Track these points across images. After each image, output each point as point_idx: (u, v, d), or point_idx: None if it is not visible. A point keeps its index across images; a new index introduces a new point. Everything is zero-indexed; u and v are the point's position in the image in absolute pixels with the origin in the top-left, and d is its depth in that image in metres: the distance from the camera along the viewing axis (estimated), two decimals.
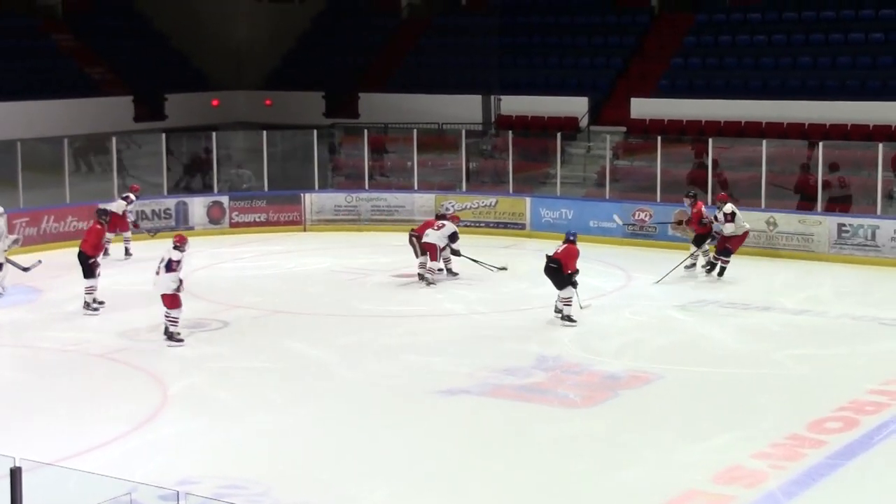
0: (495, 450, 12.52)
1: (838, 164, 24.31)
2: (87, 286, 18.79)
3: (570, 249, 18.01)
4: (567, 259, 17.88)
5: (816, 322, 18.18)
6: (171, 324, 17.00)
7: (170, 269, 16.82)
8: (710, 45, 31.12)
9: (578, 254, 18.03)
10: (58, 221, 24.71)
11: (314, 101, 34.40)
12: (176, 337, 16.96)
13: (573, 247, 18.07)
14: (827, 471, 11.64)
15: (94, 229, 19.18)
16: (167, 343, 16.92)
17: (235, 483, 11.29)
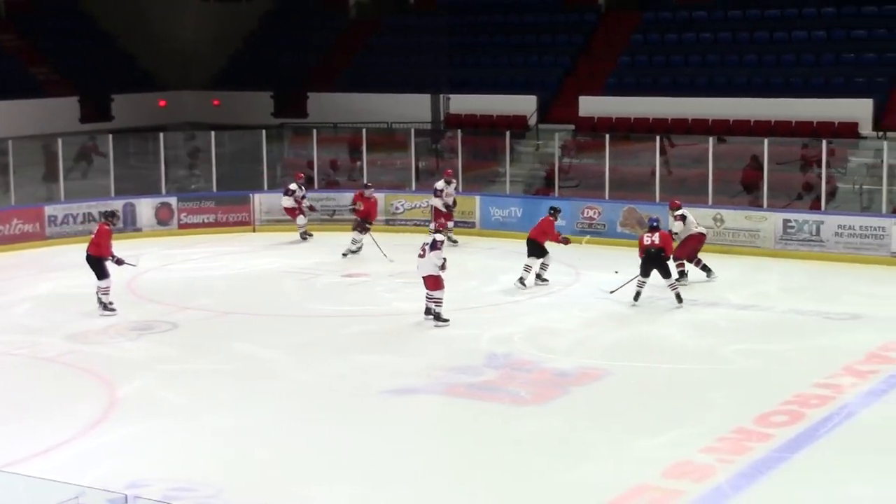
0: (447, 448, 12.56)
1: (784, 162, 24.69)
2: (102, 287, 18.63)
3: (665, 235, 19.19)
4: (667, 244, 19.09)
5: (763, 317, 18.37)
6: (436, 305, 17.86)
7: (434, 247, 17.58)
8: (656, 43, 31.34)
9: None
10: (3, 224, 24.48)
11: (262, 101, 34.30)
12: (441, 317, 17.77)
13: (665, 233, 19.42)
14: (773, 464, 11.77)
15: (102, 230, 18.80)
16: (434, 323, 17.69)
17: (186, 485, 11.25)
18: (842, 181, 24.84)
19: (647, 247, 18.91)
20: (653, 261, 18.88)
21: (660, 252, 18.86)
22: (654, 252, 18.85)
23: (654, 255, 18.86)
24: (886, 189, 23.08)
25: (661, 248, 18.88)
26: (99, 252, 18.53)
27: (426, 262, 17.85)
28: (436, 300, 17.93)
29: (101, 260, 18.49)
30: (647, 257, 18.90)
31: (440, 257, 17.73)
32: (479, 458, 12.23)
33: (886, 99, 27.11)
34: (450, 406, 14.10)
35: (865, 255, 22.18)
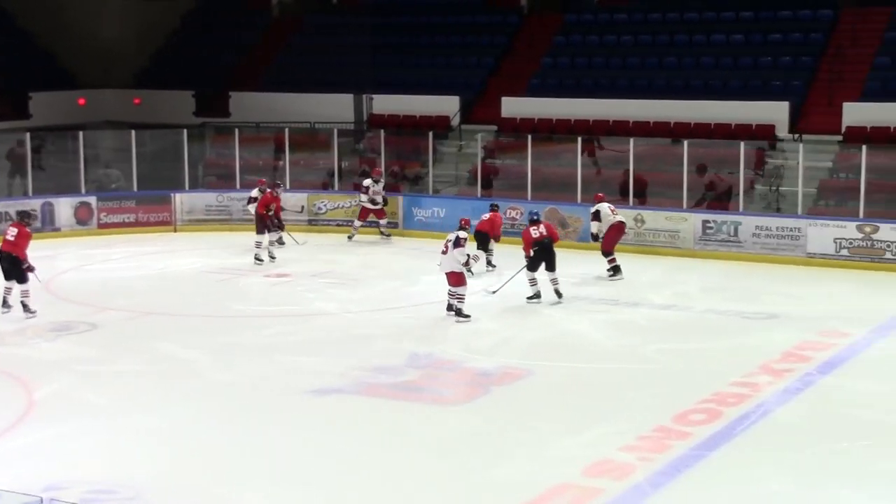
0: (369, 449, 12.55)
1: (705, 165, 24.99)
2: (24, 290, 18.28)
3: (549, 225, 19.65)
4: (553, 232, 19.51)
5: (682, 317, 18.60)
6: (458, 301, 17.97)
7: (458, 244, 17.84)
8: (578, 45, 31.58)
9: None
10: None
11: (184, 99, 34.02)
12: (463, 313, 17.87)
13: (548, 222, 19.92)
14: (692, 461, 11.93)
15: (24, 233, 18.36)
16: (456, 319, 17.74)
17: (104, 487, 11.14)
18: (759, 183, 25.22)
19: (536, 240, 19.08)
20: (546, 252, 19.07)
21: (551, 242, 19.12)
22: (548, 242, 19.08)
23: (548, 246, 19.08)
24: (802, 191, 23.47)
25: (551, 238, 19.17)
26: (18, 253, 18.23)
27: (449, 258, 18.02)
28: (458, 296, 18.05)
29: (20, 262, 18.20)
30: (541, 249, 19.05)
31: (463, 254, 18.00)
32: (399, 458, 12.24)
33: (802, 102, 27.58)
34: (371, 406, 14.09)
35: (782, 255, 22.56)
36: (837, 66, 27.85)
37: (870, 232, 21.90)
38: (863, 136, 25.08)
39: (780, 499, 11.09)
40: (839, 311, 18.73)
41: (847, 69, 27.74)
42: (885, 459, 12.05)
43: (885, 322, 18.05)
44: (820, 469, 11.82)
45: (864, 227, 22.01)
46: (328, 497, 11.25)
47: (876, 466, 11.86)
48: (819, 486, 11.34)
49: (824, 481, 11.46)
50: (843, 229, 22.15)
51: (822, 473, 11.70)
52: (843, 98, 26.67)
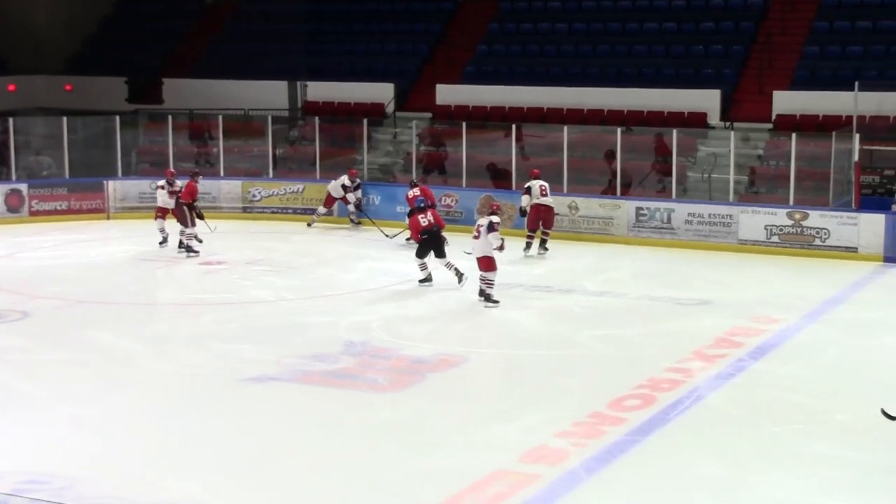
0: (304, 436, 12.54)
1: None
2: None
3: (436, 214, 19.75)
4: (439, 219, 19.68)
5: (616, 303, 18.76)
6: (487, 286, 18.12)
7: (491, 229, 17.99)
8: (512, 33, 31.70)
9: None
10: None
11: (117, 86, 33.70)
12: (492, 298, 18.03)
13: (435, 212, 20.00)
14: (626, 447, 12.04)
15: None
16: (485, 304, 18.01)
17: (37, 478, 11.03)
18: (691, 170, 25.49)
19: (424, 228, 19.27)
20: (435, 239, 19.27)
21: (439, 230, 19.33)
22: (437, 230, 19.31)
23: (437, 233, 19.29)
24: (733, 178, 23.75)
25: (439, 226, 19.39)
26: None
27: (481, 243, 18.15)
28: (488, 282, 18.15)
29: None
30: (430, 237, 19.25)
31: (497, 238, 18.03)
32: (335, 447, 12.23)
33: (733, 90, 27.90)
34: (306, 394, 14.07)
35: (714, 242, 22.83)
36: (767, 55, 28.20)
37: (799, 219, 22.23)
38: (792, 124, 25.46)
39: (714, 482, 11.23)
40: (770, 297, 18.99)
41: (777, 58, 28.12)
42: (815, 442, 12.25)
43: (815, 308, 18.33)
44: (752, 453, 11.97)
45: (793, 213, 22.33)
46: (262, 485, 11.22)
47: (807, 449, 12.06)
48: (751, 470, 11.49)
49: (757, 465, 11.62)
50: (774, 216, 22.46)
51: (755, 457, 11.85)
52: (773, 86, 27.05)
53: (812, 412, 13.29)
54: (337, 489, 11.16)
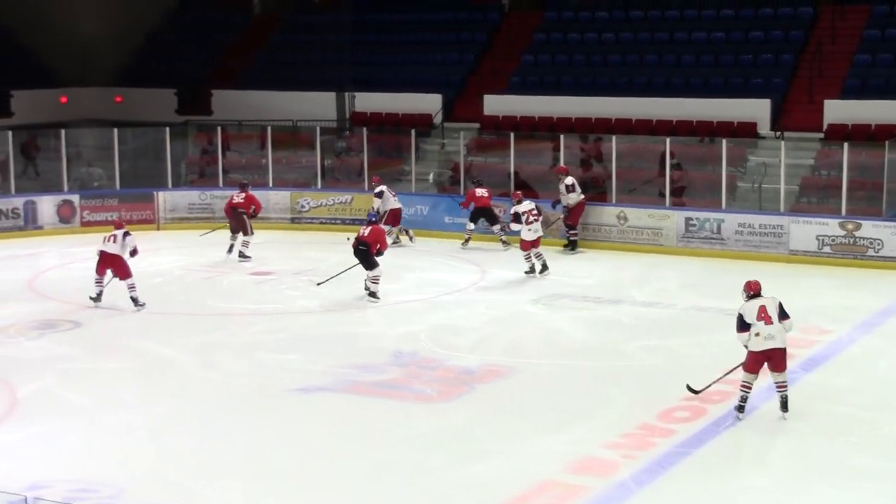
0: (351, 447, 12.55)
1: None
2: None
3: (377, 230, 19.51)
4: (377, 239, 19.27)
5: (665, 314, 18.64)
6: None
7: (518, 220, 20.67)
8: (559, 43, 31.62)
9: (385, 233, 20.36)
10: None
11: (166, 97, 33.93)
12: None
13: (378, 227, 19.84)
14: (676, 459, 11.96)
15: None
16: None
17: (87, 486, 11.12)
18: (741, 180, 25.29)
19: (357, 237, 19.44)
20: (357, 253, 19.36)
21: (364, 245, 19.24)
22: (356, 245, 19.35)
23: (357, 248, 19.34)
24: (784, 188, 23.55)
25: (366, 242, 19.28)
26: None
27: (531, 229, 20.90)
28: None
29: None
30: (355, 251, 19.40)
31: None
32: (382, 457, 12.23)
33: (783, 99, 27.67)
34: (353, 404, 14.08)
35: (765, 252, 22.61)
36: (817, 64, 27.95)
37: (852, 229, 21.99)
38: (844, 134, 25.20)
39: (764, 495, 11.14)
40: (821, 308, 18.76)
41: (827, 66, 27.85)
42: (865, 456, 12.11)
43: (868, 319, 18.13)
44: (802, 466, 11.87)
45: (846, 224, 22.10)
46: (310, 494, 11.25)
47: (857, 462, 11.93)
48: (801, 483, 11.39)
49: (806, 478, 11.51)
50: (826, 227, 22.23)
51: (805, 470, 11.75)
52: (823, 95, 26.79)
53: (861, 424, 13.15)
54: (383, 499, 11.16)
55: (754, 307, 13.16)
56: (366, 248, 19.21)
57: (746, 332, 13.17)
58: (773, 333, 13.02)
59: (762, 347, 13.04)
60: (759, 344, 13.04)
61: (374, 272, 19.29)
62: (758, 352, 13.06)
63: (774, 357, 13.09)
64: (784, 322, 13.11)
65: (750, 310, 13.15)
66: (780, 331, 13.07)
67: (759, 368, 13.17)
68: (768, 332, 13.01)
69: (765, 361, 13.14)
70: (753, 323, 13.08)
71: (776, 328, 13.02)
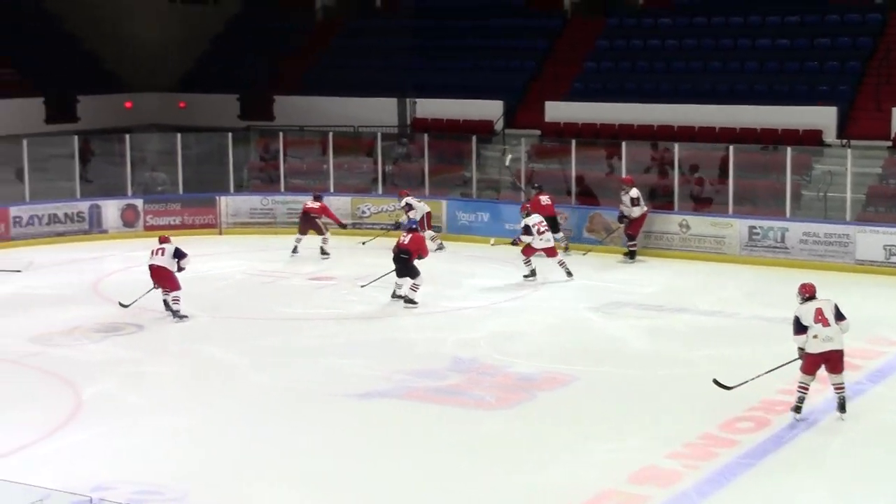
0: (409, 453, 12.54)
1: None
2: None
3: (417, 238, 19.67)
4: (418, 247, 19.40)
5: (728, 323, 18.45)
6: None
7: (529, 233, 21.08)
8: (622, 49, 31.46)
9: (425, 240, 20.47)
10: None
11: (229, 103, 34.19)
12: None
13: (419, 235, 20.09)
14: (740, 470, 11.82)
15: None
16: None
17: (150, 488, 11.19)
18: (806, 189, 25.00)
19: (397, 245, 19.44)
20: (398, 261, 19.36)
21: (403, 253, 19.28)
22: (397, 252, 19.37)
23: (397, 256, 19.35)
24: (851, 197, 23.24)
25: (407, 251, 19.30)
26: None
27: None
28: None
29: None
30: (394, 258, 19.37)
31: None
32: (440, 463, 12.21)
33: (850, 107, 27.32)
34: (412, 410, 14.07)
35: (830, 262, 22.30)
36: (886, 71, 27.58)
37: None
38: None
39: None
40: (889, 319, 18.49)
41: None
42: None
43: None
44: (868, 479, 11.69)
45: None
46: (366, 500, 11.23)
47: None
48: (867, 498, 11.21)
49: (872, 492, 11.33)
50: (894, 236, 21.90)
51: (870, 484, 11.56)
52: (891, 103, 26.39)
53: None
54: None
55: (811, 309, 13.22)
56: (406, 256, 19.27)
57: (804, 335, 13.23)
58: (831, 335, 13.07)
59: (820, 349, 13.08)
60: (816, 346, 13.09)
61: (417, 280, 19.31)
62: (816, 354, 13.12)
63: (832, 359, 13.13)
64: (840, 323, 13.15)
65: (806, 312, 13.22)
66: (838, 332, 13.11)
67: (816, 370, 13.23)
68: (826, 334, 13.05)
69: (822, 363, 13.19)
70: (811, 325, 13.14)
71: (833, 330, 13.06)
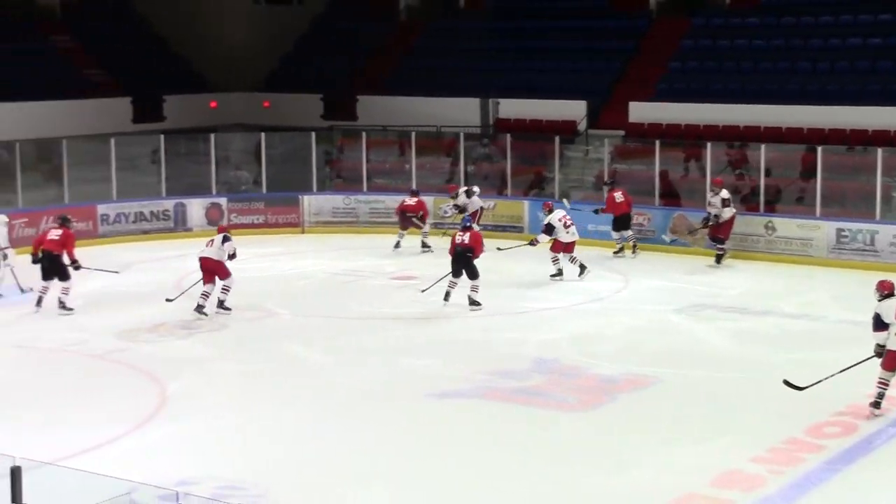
0: (489, 453, 12.49)
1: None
2: (65, 287, 19.02)
3: (476, 235, 19.50)
4: (478, 243, 19.24)
5: (815, 327, 18.18)
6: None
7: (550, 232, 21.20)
8: (707, 49, 31.10)
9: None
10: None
11: (312, 103, 34.40)
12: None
13: (476, 231, 19.86)
14: (826, 476, 11.63)
15: (70, 234, 19.40)
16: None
17: (234, 484, 11.27)
18: None
19: (455, 245, 19.11)
20: (460, 260, 19.03)
21: (468, 251, 19.03)
22: (460, 251, 19.05)
23: (460, 255, 19.07)
24: None
25: (471, 248, 19.07)
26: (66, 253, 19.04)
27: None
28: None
29: (63, 261, 18.99)
30: (456, 256, 19.08)
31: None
32: (519, 463, 12.16)
33: None
34: (494, 410, 14.03)
35: None
36: None
37: None
38: None
39: None
40: None
41: None
42: None
43: None
44: None
45: None
46: (445, 499, 11.21)
47: None
48: None
49: None
50: None
51: None
52: None
53: None
54: None
55: (891, 306, 13.27)
56: (470, 253, 19.16)
57: (885, 332, 13.25)
58: None
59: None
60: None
61: (477, 280, 19.17)
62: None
63: None
64: None
65: (887, 309, 13.25)
66: None
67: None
68: None
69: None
70: (892, 322, 13.13)
71: None
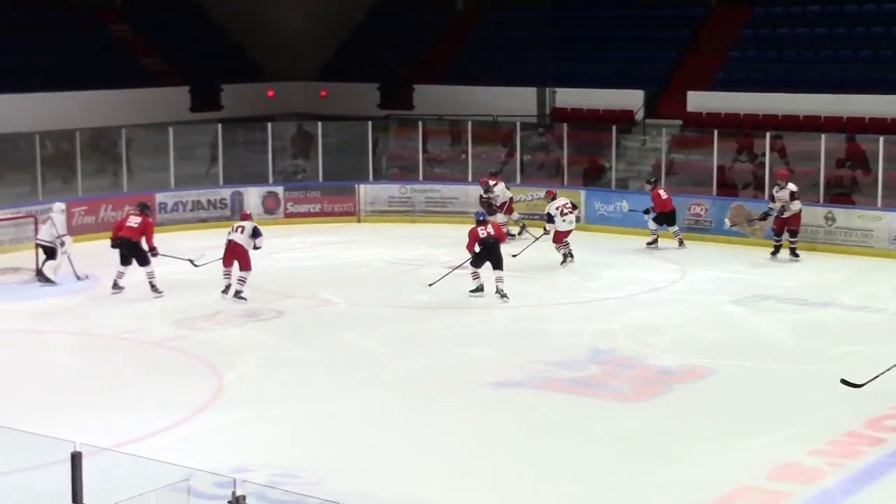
0: (545, 443, 12.48)
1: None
2: (150, 272, 19.30)
3: (496, 226, 19.86)
4: (500, 232, 19.68)
5: (875, 319, 17.97)
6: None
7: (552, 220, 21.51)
8: (768, 38, 30.78)
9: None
10: (115, 210, 24.87)
11: (369, 92, 34.45)
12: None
13: (496, 223, 20.44)
14: (886, 469, 11.50)
15: (149, 223, 19.64)
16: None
17: (289, 472, 11.33)
18: None
19: (483, 239, 19.01)
20: (489, 251, 19.00)
21: (496, 242, 19.10)
22: (493, 242, 19.03)
23: (492, 246, 19.01)
24: None
25: (498, 238, 19.18)
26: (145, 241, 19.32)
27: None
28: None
29: (142, 248, 19.28)
30: (486, 248, 19.01)
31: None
32: (575, 453, 12.14)
33: None
34: (549, 400, 14.01)
35: None
36: None
37: None
38: None
39: None
40: None
41: None
42: None
43: None
44: None
45: None
46: (505, 491, 11.20)
47: None
48: None
49: None
50: None
51: None
52: None
53: None
54: (575, 497, 11.04)
55: None
56: (497, 243, 19.23)
57: None
58: None
59: None
60: None
61: (502, 271, 19.12)
62: None
63: None
64: None
65: None
66: None
67: None
68: None
69: None
70: None
71: None
